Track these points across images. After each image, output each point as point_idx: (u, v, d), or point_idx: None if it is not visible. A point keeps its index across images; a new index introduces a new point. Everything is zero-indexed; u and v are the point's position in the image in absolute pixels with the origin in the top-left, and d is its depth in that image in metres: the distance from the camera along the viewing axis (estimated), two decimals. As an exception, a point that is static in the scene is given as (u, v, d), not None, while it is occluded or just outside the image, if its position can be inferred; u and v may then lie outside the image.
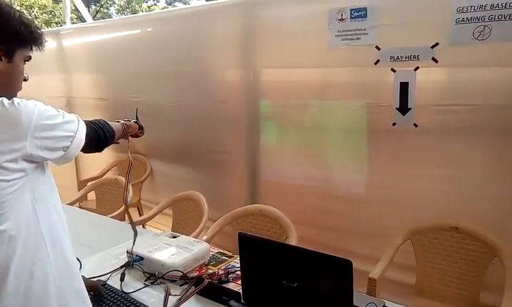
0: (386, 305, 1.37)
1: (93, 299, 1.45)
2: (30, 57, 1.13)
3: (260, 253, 1.35)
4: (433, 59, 2.19)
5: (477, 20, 2.04)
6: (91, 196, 3.64)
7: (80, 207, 3.69)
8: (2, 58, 1.04)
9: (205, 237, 2.27)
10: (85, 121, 1.17)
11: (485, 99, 2.11)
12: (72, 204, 3.30)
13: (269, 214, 2.31)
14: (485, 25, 2.01)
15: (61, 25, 5.11)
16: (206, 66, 3.23)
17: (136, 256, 1.69)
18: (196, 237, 2.35)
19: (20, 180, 0.98)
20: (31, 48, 1.11)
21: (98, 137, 1.22)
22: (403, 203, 2.39)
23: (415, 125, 2.30)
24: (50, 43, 4.48)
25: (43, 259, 1.03)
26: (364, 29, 2.41)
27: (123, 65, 3.80)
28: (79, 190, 3.65)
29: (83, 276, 1.55)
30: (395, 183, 2.43)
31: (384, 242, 2.19)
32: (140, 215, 3.73)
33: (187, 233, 2.57)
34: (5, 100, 0.97)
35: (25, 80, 1.14)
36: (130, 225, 2.23)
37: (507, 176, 2.10)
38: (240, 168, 3.13)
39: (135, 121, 1.67)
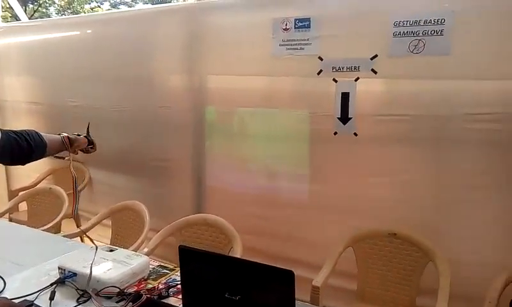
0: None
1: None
2: None
3: (202, 266, 1.30)
4: (372, 70, 2.28)
5: (412, 35, 2.15)
6: (23, 206, 3.39)
7: (10, 219, 3.43)
8: None
9: (145, 250, 2.18)
10: (5, 130, 1.07)
11: (420, 109, 2.22)
12: (0, 215, 3.05)
13: (213, 224, 2.26)
14: (419, 40, 2.13)
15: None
16: (149, 71, 3.14)
17: (69, 272, 1.57)
18: (136, 250, 2.25)
19: None
20: None
21: (19, 148, 1.12)
22: (345, 210, 2.45)
23: (355, 134, 2.37)
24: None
25: None
26: (308, 40, 2.45)
27: (60, 68, 3.60)
28: (10, 200, 3.38)
29: (5, 297, 1.42)
30: (337, 191, 2.49)
31: (327, 249, 2.22)
32: (77, 227, 3.52)
33: (127, 246, 2.45)
34: None
35: None
36: (66, 239, 2.11)
37: (441, 182, 2.22)
38: (185, 176, 3.06)
39: (85, 136, 1.60)
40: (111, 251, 1.73)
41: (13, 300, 1.41)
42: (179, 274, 1.61)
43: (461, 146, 2.16)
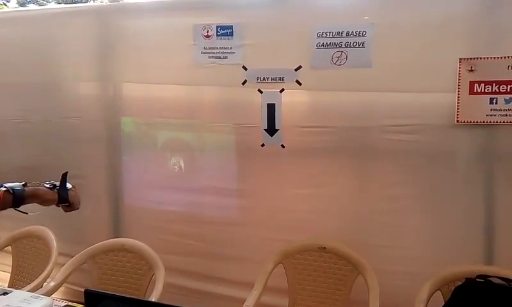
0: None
1: None
2: None
3: (113, 312, 1.12)
4: (297, 81, 2.25)
5: (335, 46, 2.14)
6: None
7: None
8: None
9: (52, 283, 1.91)
10: None
11: (343, 121, 2.22)
12: None
13: (131, 249, 2.05)
14: (342, 51, 2.13)
15: None
16: (57, 77, 2.80)
17: None
18: (42, 283, 1.98)
19: None
20: None
21: None
22: (273, 225, 2.37)
23: (283, 146, 2.31)
24: None
25: None
26: (231, 48, 2.36)
27: None
28: None
29: None
30: (265, 205, 2.41)
31: (256, 266, 2.13)
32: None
33: (32, 277, 2.15)
34: None
35: None
36: None
37: (365, 193, 2.25)
38: (100, 194, 2.77)
39: (57, 189, 1.28)
40: (4, 294, 1.46)
41: None
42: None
43: (382, 156, 2.20)
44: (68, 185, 1.34)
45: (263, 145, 2.35)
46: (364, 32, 2.09)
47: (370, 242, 2.20)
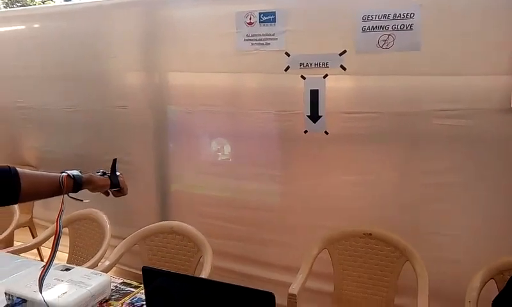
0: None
1: None
2: None
3: (170, 288, 1.18)
4: (341, 66, 2.22)
5: (381, 29, 2.09)
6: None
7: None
8: None
9: (107, 263, 2.01)
10: None
11: (389, 106, 2.18)
12: None
13: (180, 231, 2.12)
14: (389, 34, 2.08)
15: None
16: (105, 68, 2.92)
17: (17, 298, 1.39)
18: (96, 263, 2.09)
19: None
20: None
21: None
22: (317, 211, 2.38)
23: (326, 133, 2.30)
24: None
25: None
26: (273, 34, 2.35)
27: (6, 65, 3.30)
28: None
29: None
30: (308, 191, 2.41)
31: (300, 251, 2.15)
32: (33, 237, 3.27)
33: (87, 256, 2.27)
34: None
35: None
36: (17, 257, 1.90)
37: (412, 180, 2.20)
38: (148, 180, 2.88)
39: (108, 175, 1.34)
40: (67, 270, 1.56)
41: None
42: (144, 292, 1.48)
43: (429, 143, 2.14)
44: (117, 173, 1.40)
45: (306, 132, 2.35)
46: (412, 15, 2.03)
47: (417, 229, 2.16)
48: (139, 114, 2.84)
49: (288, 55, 2.32)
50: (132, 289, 1.56)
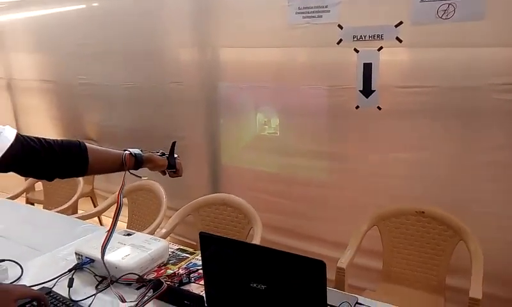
0: (359, 301, 1.31)
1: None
2: None
3: (224, 253, 1.24)
4: (397, 38, 2.13)
5: (441, -2, 1.98)
6: (39, 186, 3.39)
7: (27, 199, 3.43)
8: None
9: (163, 230, 2.13)
10: (34, 138, 0.97)
11: (446, 80, 2.08)
12: (18, 196, 3.04)
13: (231, 204, 2.19)
14: (449, 4, 1.97)
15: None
16: (160, 44, 3.02)
17: (86, 258, 1.52)
18: (154, 231, 2.21)
19: None
20: None
21: (39, 162, 1.02)
22: (368, 188, 2.36)
23: (379, 108, 2.24)
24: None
25: None
26: (326, 6, 2.31)
27: (68, 43, 3.50)
28: (26, 180, 3.37)
29: (24, 285, 1.38)
30: (359, 168, 2.39)
31: (348, 227, 2.15)
32: (94, 206, 3.51)
33: (144, 225, 2.42)
34: None
35: None
36: (83, 222, 2.06)
37: (470, 159, 2.11)
38: (200, 153, 2.98)
39: (167, 156, 1.40)
40: (128, 235, 1.68)
41: (32, 288, 1.37)
42: (199, 258, 1.56)
43: (488, 118, 2.03)
44: (175, 155, 1.45)
45: (357, 107, 2.31)
46: (476, -19, 1.90)
47: (471, 208, 2.07)
48: (192, 90, 2.92)
49: (341, 27, 2.27)
50: (187, 255, 1.65)
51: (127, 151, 1.27)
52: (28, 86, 3.97)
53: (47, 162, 1.04)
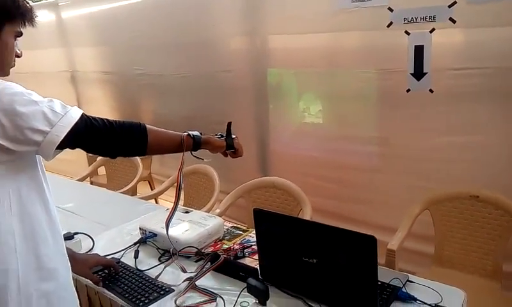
0: (410, 279, 1.33)
1: (109, 276, 1.44)
2: (21, 33, 1.04)
3: (277, 229, 1.31)
4: (450, 19, 2.08)
5: (499, -26, 1.91)
6: (102, 170, 3.63)
7: (91, 183, 3.70)
8: None
9: (217, 211, 2.25)
10: (98, 118, 1.06)
11: (503, 61, 2.01)
12: (82, 179, 3.30)
13: (281, 186, 2.27)
14: (507, -19, 1.89)
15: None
16: (210, 34, 3.12)
17: (149, 232, 1.66)
18: (209, 211, 2.34)
19: None
20: (22, 24, 1.02)
21: (101, 140, 1.10)
22: (420, 173, 2.33)
23: (431, 91, 2.20)
24: (48, 16, 4.38)
25: (8, 254, 0.98)
26: (376, -11, 2.28)
27: (125, 36, 3.70)
28: (89, 165, 3.64)
29: (97, 254, 1.54)
30: (410, 153, 2.36)
31: (398, 212, 2.14)
32: (152, 189, 3.72)
33: (199, 207, 2.55)
34: None
35: (18, 56, 1.06)
36: (143, 201, 2.21)
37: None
38: (249, 140, 3.06)
39: (224, 138, 1.42)
40: (187, 212, 1.80)
41: (104, 257, 1.52)
42: (252, 235, 1.65)
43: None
44: (233, 136, 1.47)
45: (408, 90, 2.28)
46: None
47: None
48: (241, 78, 3.01)
49: (391, 10, 2.24)
50: (241, 232, 1.75)
51: (185, 133, 1.32)
52: (89, 77, 4.25)
53: (108, 141, 1.11)
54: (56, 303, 1.07)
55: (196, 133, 1.34)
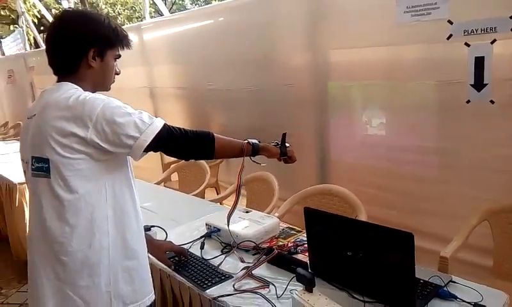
0: (453, 280, 1.39)
1: (179, 262, 1.66)
2: (119, 56, 1.33)
3: (325, 226, 1.45)
4: (512, 30, 2.07)
5: None
6: (174, 177, 3.97)
7: (165, 187, 4.06)
8: (96, 58, 1.26)
9: (276, 214, 2.41)
10: (176, 127, 1.28)
11: None
12: (158, 183, 3.64)
13: (337, 193, 2.37)
14: None
15: (141, 20, 5.52)
16: (275, 50, 3.34)
17: (214, 227, 1.88)
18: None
19: (85, 161, 1.16)
20: (120, 48, 1.31)
21: (178, 145, 1.29)
22: (479, 184, 2.31)
23: (492, 102, 2.19)
24: (132, 38, 4.84)
25: (102, 234, 1.20)
26: (435, 3, 2.33)
27: (198, 54, 4.04)
28: (163, 172, 3.99)
29: (171, 241, 1.78)
30: (470, 163, 2.35)
31: (455, 222, 2.15)
32: (217, 194, 4.00)
33: (259, 210, 2.74)
34: (75, 96, 1.17)
35: (117, 74, 1.35)
36: (210, 202, 2.42)
37: None
38: (310, 150, 3.20)
39: (278, 145, 1.57)
40: (247, 212, 1.99)
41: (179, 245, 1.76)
42: (305, 236, 1.79)
43: None
44: (287, 144, 1.60)
45: (468, 101, 2.28)
46: None
47: None
48: (303, 91, 3.17)
49: (451, 23, 2.28)
50: (295, 232, 1.90)
51: (245, 141, 1.50)
52: (166, 92, 4.68)
53: (184, 146, 1.31)
54: (136, 278, 1.28)
55: (255, 141, 1.51)
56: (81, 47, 1.24)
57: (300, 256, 1.65)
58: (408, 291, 1.22)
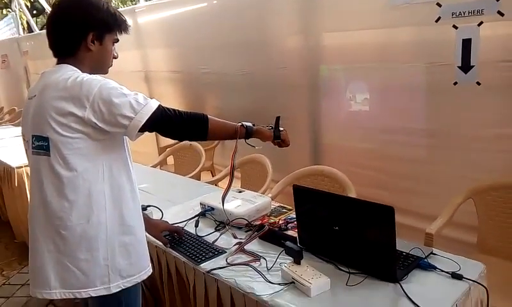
0: (434, 252, 1.46)
1: (174, 240, 1.73)
2: (117, 40, 1.38)
3: (313, 203, 1.52)
4: (499, 12, 2.12)
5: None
6: (170, 160, 4.03)
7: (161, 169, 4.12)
8: (95, 42, 1.31)
9: (270, 195, 2.48)
10: (171, 108, 1.32)
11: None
12: (154, 166, 3.69)
13: (328, 174, 2.44)
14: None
15: (135, 3, 5.52)
16: (268, 34, 3.37)
17: (208, 206, 1.94)
18: (261, 195, 2.58)
19: (83, 140, 1.21)
20: (118, 32, 1.36)
21: (172, 126, 1.33)
22: (466, 164, 2.38)
23: (478, 83, 2.25)
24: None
25: (100, 210, 1.26)
26: (425, -14, 2.36)
27: (192, 38, 4.05)
28: (159, 155, 4.05)
29: (166, 221, 1.84)
30: (457, 144, 2.42)
31: (442, 201, 2.22)
32: (213, 176, 4.06)
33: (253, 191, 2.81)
34: (73, 77, 1.21)
35: (115, 57, 1.40)
36: (205, 183, 2.48)
37: None
38: (302, 132, 3.26)
39: (272, 128, 1.60)
40: (240, 192, 2.06)
41: (173, 224, 1.83)
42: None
43: None
44: (281, 128, 1.63)
45: (455, 83, 2.33)
46: None
47: None
48: (295, 74, 3.21)
49: (439, 5, 2.31)
50: (286, 210, 1.97)
51: (239, 123, 1.53)
52: (160, 76, 4.70)
53: (178, 126, 1.35)
54: (132, 252, 1.34)
55: (248, 123, 1.54)
56: (81, 31, 1.29)
57: (290, 233, 1.72)
58: (390, 262, 1.30)
